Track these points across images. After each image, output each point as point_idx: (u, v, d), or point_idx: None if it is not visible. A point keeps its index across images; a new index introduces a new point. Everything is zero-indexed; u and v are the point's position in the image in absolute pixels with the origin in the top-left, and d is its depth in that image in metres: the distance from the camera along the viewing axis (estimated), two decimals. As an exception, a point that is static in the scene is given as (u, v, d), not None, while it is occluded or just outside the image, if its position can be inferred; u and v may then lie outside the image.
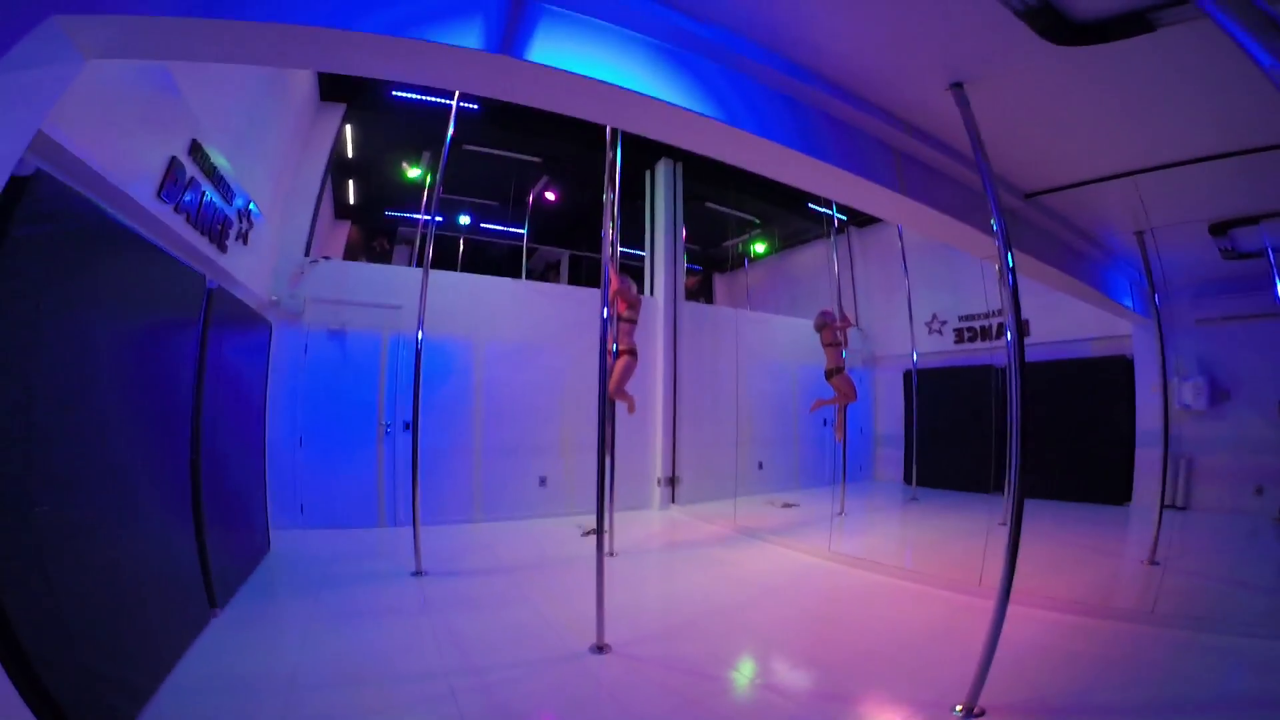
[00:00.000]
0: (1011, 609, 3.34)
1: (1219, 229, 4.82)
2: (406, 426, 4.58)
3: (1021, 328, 2.60)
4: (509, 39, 2.14)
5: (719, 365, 7.92)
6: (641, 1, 2.32)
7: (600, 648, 3.06)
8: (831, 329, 6.59)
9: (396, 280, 6.10)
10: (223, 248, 3.95)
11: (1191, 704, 2.51)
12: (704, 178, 8.63)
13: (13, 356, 1.80)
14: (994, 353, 7.21)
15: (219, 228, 3.82)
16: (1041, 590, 3.73)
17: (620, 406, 5.30)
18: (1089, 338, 7.27)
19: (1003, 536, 2.40)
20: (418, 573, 4.25)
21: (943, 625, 3.46)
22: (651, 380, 7.51)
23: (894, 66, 2.75)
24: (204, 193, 3.47)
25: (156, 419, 2.82)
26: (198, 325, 3.29)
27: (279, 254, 5.57)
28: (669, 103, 2.36)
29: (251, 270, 4.64)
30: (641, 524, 6.45)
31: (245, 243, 4.35)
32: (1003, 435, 6.37)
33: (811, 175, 3.06)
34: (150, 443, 2.75)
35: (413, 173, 7.95)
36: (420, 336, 4.49)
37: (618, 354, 5.10)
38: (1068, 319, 7.28)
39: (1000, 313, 7.63)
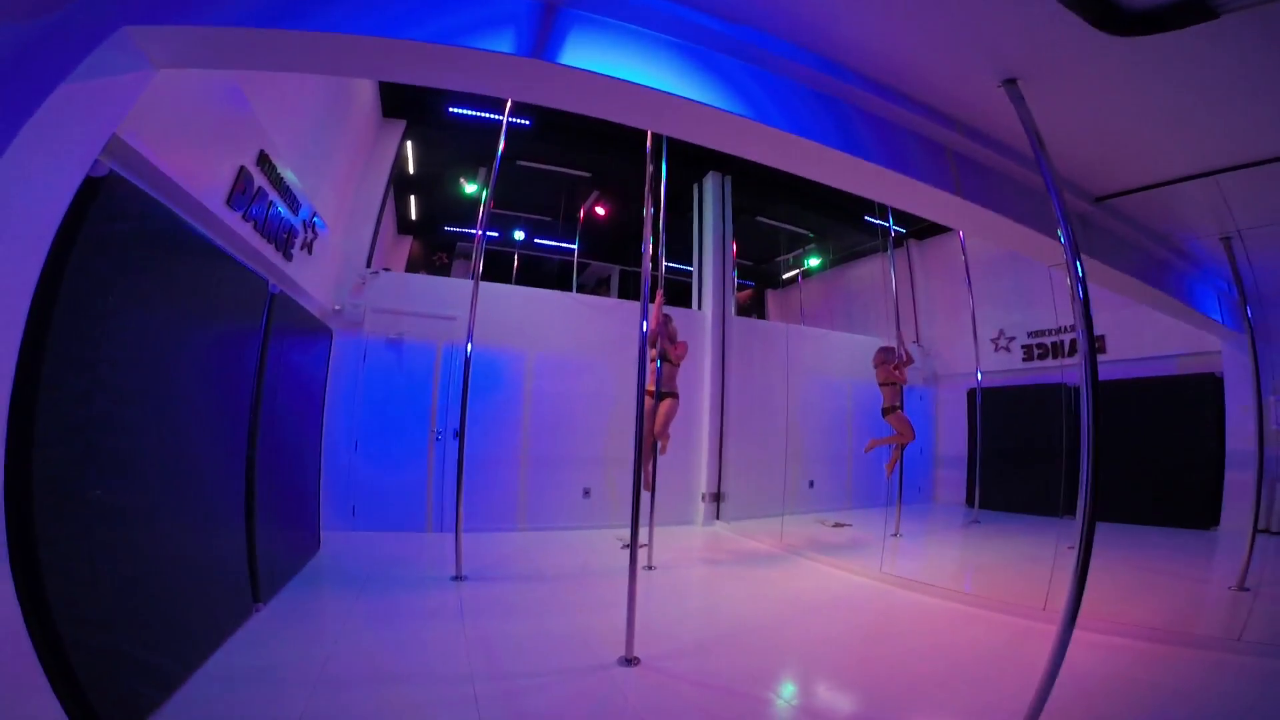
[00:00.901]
0: (1078, 634, 3.10)
1: None
2: (456, 434, 4.71)
3: (1094, 341, 2.42)
4: (541, 44, 2.20)
5: (770, 381, 7.77)
6: (669, 5, 2.34)
7: (630, 660, 3.00)
8: (888, 367, 6.41)
9: (452, 292, 6.30)
10: (288, 256, 4.17)
11: None
12: (755, 192, 8.57)
13: (80, 348, 1.92)
14: (1065, 371, 6.77)
15: (284, 236, 4.04)
16: (1113, 615, 3.45)
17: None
18: (1174, 354, 6.73)
19: (1070, 560, 2.20)
20: (458, 578, 4.31)
21: (1001, 650, 3.24)
22: (698, 395, 7.46)
23: (937, 63, 2.64)
24: (271, 202, 3.68)
25: (215, 416, 2.96)
26: (260, 328, 3.47)
27: (342, 265, 5.85)
28: (698, 101, 2.35)
29: (315, 279, 4.89)
30: (684, 539, 6.35)
31: (310, 252, 4.59)
32: (1074, 455, 5.97)
33: (855, 175, 2.97)
34: (208, 439, 2.89)
35: (470, 188, 8.23)
36: (469, 347, 4.59)
37: (661, 396, 5.08)
38: (1149, 335, 6.78)
39: (1073, 328, 7.16)
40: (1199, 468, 6.35)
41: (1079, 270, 2.37)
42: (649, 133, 4.51)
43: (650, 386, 5.02)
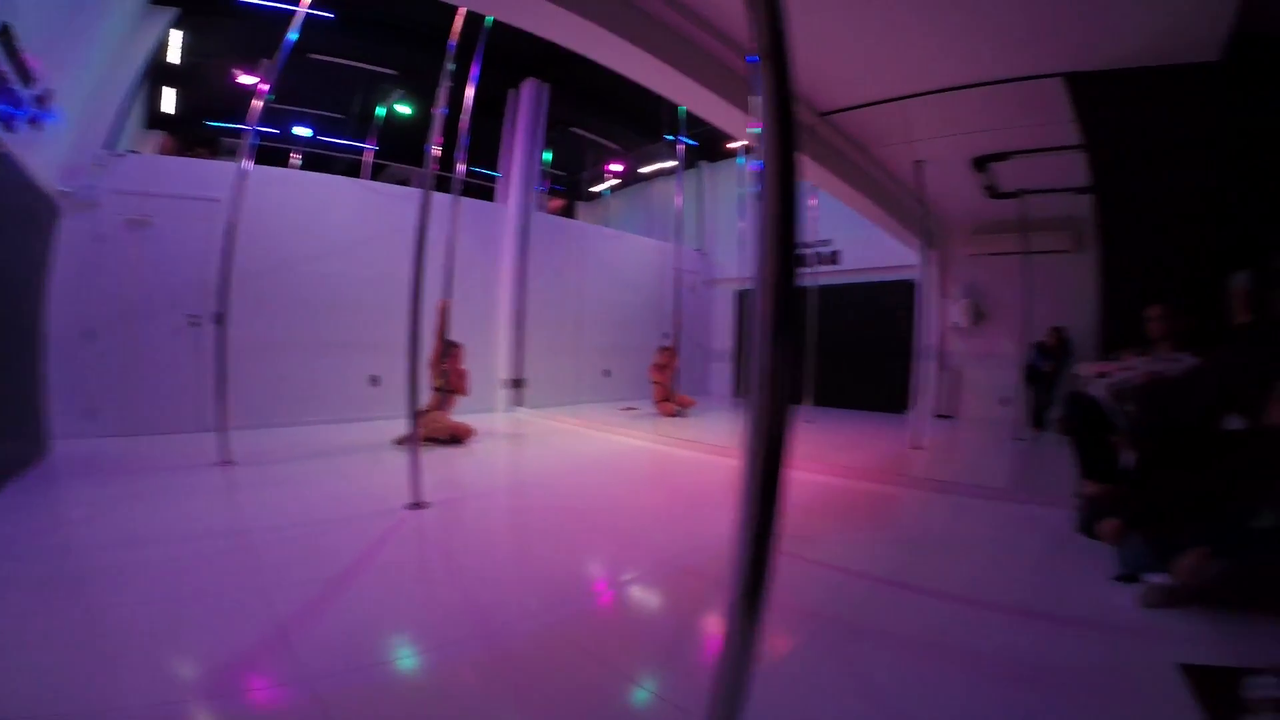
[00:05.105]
0: (804, 475, 4.14)
1: (980, 163, 5.64)
2: (217, 319, 4.36)
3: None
4: None
5: (571, 276, 8.21)
6: None
7: (418, 504, 3.18)
8: (655, 368, 7.25)
9: (217, 175, 5.62)
10: (9, 127, 3.51)
11: (929, 540, 3.12)
12: (572, 104, 8.84)
13: None
14: (815, 277, 8.09)
15: (9, 107, 3.39)
16: (830, 464, 4.52)
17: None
18: (892, 265, 8.21)
19: (807, 430, 2.71)
20: (226, 463, 4.05)
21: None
22: (495, 285, 7.64)
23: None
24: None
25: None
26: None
27: (76, 149, 4.91)
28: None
29: (40, 158, 4.11)
30: (484, 422, 6.49)
31: (37, 128, 3.86)
32: (818, 350, 7.30)
33: (602, 45, 3.32)
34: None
35: (248, 81, 7.25)
36: (232, 228, 4.34)
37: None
38: (876, 249, 8.24)
39: (822, 243, 8.53)
40: (901, 360, 7.87)
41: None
42: (455, 31, 4.32)
43: (441, 416, 5.14)
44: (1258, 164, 3.37)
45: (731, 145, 9.60)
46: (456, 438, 5.13)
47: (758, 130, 0.99)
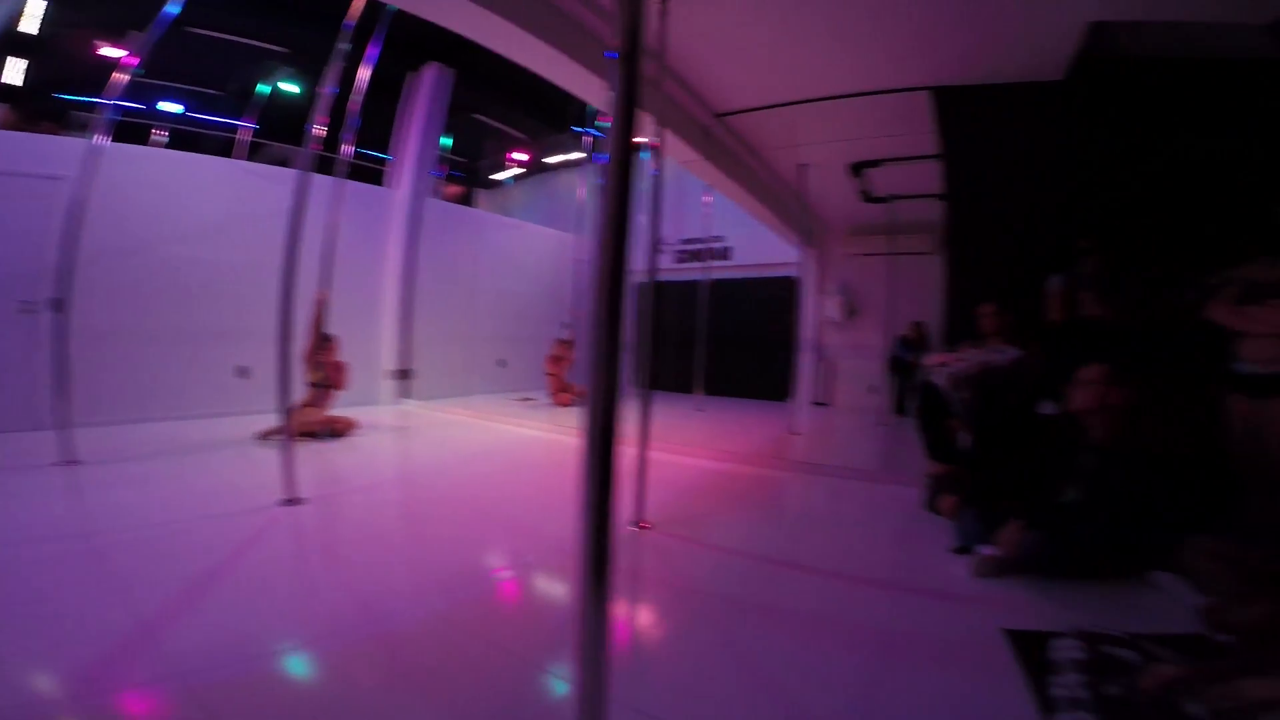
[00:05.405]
0: (690, 460, 4.40)
1: (856, 169, 6.06)
2: (56, 304, 3.89)
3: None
4: None
5: (466, 265, 8.01)
6: None
7: (293, 500, 3.01)
8: (555, 358, 7.32)
9: (63, 151, 5.00)
10: None
11: (801, 519, 3.40)
12: (477, 89, 8.62)
13: None
14: (706, 272, 8.29)
15: None
16: (716, 449, 4.79)
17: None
18: (780, 261, 8.54)
19: (697, 418, 2.83)
20: (70, 462, 3.59)
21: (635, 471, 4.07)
22: (382, 270, 7.27)
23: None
24: None
25: None
26: None
27: None
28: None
29: None
30: (367, 415, 6.09)
31: None
32: (708, 341, 7.57)
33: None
34: None
35: (113, 54, 6.53)
36: (78, 208, 3.92)
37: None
38: (764, 246, 8.65)
39: (715, 238, 8.86)
40: (785, 351, 8.15)
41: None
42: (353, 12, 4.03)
43: (316, 410, 4.87)
44: (1081, 177, 3.82)
45: (636, 140, 9.69)
46: (335, 431, 4.88)
47: (606, 125, 1.06)
